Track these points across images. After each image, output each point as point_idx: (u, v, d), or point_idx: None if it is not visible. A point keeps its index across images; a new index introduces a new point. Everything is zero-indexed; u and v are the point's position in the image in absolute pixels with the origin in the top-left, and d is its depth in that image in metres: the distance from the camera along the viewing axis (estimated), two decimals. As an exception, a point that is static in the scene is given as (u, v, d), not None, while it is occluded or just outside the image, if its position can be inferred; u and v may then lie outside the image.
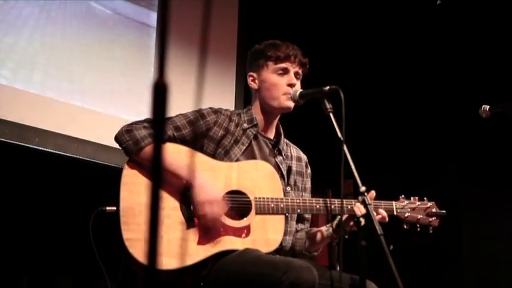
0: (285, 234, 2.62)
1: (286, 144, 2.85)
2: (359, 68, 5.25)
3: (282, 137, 2.81)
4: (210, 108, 2.69)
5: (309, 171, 2.89)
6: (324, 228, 2.72)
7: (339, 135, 2.38)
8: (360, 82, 5.10)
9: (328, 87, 2.46)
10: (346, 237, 2.55)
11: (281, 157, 2.76)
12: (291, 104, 2.68)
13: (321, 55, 4.94)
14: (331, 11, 5.31)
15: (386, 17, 5.20)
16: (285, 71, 2.69)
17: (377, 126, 5.17)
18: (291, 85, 2.68)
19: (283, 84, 2.68)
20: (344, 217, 2.55)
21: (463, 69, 4.90)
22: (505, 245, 4.63)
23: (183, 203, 2.51)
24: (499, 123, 3.22)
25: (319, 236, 2.74)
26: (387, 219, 2.57)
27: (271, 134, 2.78)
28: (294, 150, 2.87)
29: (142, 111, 3.98)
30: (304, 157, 2.89)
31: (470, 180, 4.81)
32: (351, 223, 2.52)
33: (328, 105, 2.46)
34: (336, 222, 2.61)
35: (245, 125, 2.70)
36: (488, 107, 3.05)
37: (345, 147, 2.34)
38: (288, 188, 2.73)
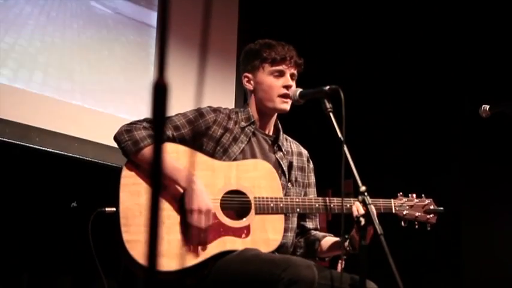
0: (285, 231, 2.61)
1: (286, 140, 2.84)
2: (359, 67, 5.25)
3: (281, 132, 2.80)
4: (209, 107, 2.68)
5: (311, 165, 2.88)
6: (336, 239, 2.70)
7: (339, 135, 2.38)
8: (359, 81, 5.10)
9: (328, 87, 2.45)
10: (347, 236, 2.54)
11: (281, 153, 2.75)
12: (287, 107, 2.69)
13: (321, 54, 4.95)
14: (330, 10, 5.31)
15: (386, 16, 5.20)
16: (281, 73, 2.69)
17: (377, 125, 5.17)
18: (287, 87, 2.68)
19: (279, 86, 2.68)
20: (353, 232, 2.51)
21: (463, 69, 4.90)
22: (505, 245, 4.62)
23: (182, 205, 2.49)
24: (499, 123, 3.21)
25: (330, 245, 2.72)
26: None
27: (269, 131, 2.78)
28: (294, 146, 2.86)
29: (142, 111, 3.97)
30: (305, 152, 2.88)
31: (470, 180, 4.80)
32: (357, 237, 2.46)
33: (328, 105, 2.46)
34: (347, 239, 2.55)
35: (243, 123, 2.70)
36: (488, 107, 3.05)
37: (345, 147, 2.34)
38: (289, 185, 2.72)
